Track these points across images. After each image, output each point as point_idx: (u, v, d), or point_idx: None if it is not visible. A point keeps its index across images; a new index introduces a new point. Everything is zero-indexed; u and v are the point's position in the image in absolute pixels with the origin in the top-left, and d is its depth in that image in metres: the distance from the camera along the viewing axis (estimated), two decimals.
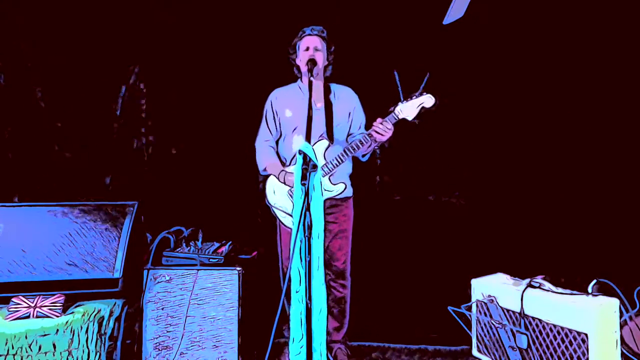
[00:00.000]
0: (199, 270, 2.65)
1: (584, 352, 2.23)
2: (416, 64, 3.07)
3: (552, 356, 2.36)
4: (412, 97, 2.48)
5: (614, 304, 2.31)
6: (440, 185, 3.37)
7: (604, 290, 2.44)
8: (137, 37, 3.39)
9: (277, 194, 2.65)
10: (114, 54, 3.39)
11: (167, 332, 2.64)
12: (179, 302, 2.64)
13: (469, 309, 2.73)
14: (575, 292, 2.44)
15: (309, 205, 1.91)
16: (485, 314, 2.67)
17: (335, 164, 2.53)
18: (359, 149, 2.53)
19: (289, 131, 2.71)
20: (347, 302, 2.80)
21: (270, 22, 3.30)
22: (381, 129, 2.46)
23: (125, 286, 2.65)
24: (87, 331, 2.41)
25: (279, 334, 2.93)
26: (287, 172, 2.61)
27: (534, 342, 2.43)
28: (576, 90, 3.15)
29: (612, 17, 3.08)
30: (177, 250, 2.75)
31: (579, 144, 3.16)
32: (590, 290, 2.42)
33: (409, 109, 2.49)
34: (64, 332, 2.37)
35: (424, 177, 3.38)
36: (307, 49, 2.67)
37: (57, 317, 2.42)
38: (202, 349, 2.63)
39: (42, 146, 3.36)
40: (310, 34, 2.70)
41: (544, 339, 2.39)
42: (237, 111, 3.29)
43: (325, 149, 2.59)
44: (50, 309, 2.44)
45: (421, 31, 3.26)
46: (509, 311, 2.55)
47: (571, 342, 2.28)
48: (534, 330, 2.43)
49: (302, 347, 1.96)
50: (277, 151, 2.79)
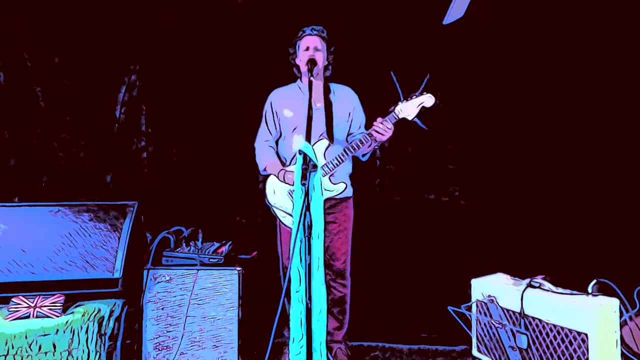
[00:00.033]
0: (199, 270, 2.65)
1: (584, 352, 2.23)
2: (416, 64, 3.09)
3: (552, 356, 2.36)
4: (412, 97, 2.49)
5: (614, 304, 2.31)
6: (440, 185, 3.37)
7: (604, 290, 2.43)
8: (137, 37, 3.39)
9: (277, 193, 2.65)
10: (114, 53, 3.39)
11: (167, 332, 2.64)
12: (179, 302, 2.64)
13: (469, 309, 2.73)
14: (575, 292, 2.44)
15: (309, 205, 1.91)
16: (485, 314, 2.67)
17: (335, 163, 2.53)
18: (359, 148, 2.53)
19: (289, 131, 2.71)
20: (347, 302, 2.80)
21: (270, 22, 3.30)
22: (381, 128, 2.46)
23: (125, 286, 2.65)
24: (87, 331, 2.41)
25: (279, 334, 2.93)
26: (287, 171, 2.61)
27: (534, 342, 2.43)
28: (576, 90, 3.15)
29: (612, 16, 3.08)
30: (177, 250, 2.75)
31: (579, 144, 3.16)
32: (590, 290, 2.42)
33: (409, 109, 2.49)
34: (64, 332, 2.37)
35: (424, 177, 3.38)
36: (307, 49, 2.67)
37: (57, 317, 2.42)
38: (202, 349, 2.63)
39: (42, 146, 3.36)
40: (310, 34, 2.70)
41: (544, 339, 2.39)
42: (237, 111, 3.29)
43: (325, 149, 2.59)
44: (50, 309, 2.44)
45: (421, 31, 3.26)
46: (509, 311, 2.55)
47: (571, 342, 2.28)
48: (534, 330, 2.43)
49: (302, 347, 1.96)
50: (277, 151, 2.79)
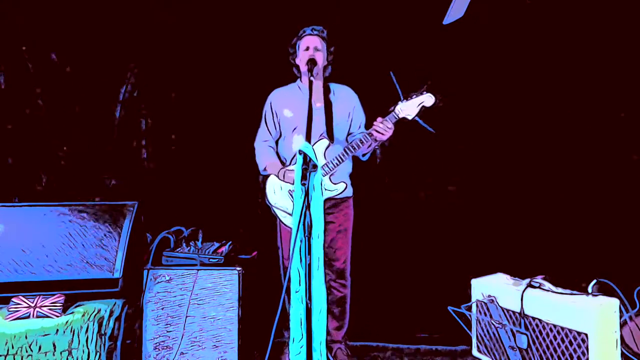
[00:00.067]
0: (199, 270, 2.65)
1: (584, 352, 2.23)
2: (416, 64, 3.09)
3: (552, 356, 2.36)
4: (412, 96, 2.48)
5: (614, 304, 2.31)
6: (440, 185, 3.37)
7: (604, 290, 2.43)
8: (137, 37, 3.39)
9: (277, 193, 2.65)
10: (114, 54, 3.39)
11: (167, 332, 2.64)
12: (179, 302, 2.64)
13: (469, 309, 2.73)
14: (575, 292, 2.44)
15: (309, 205, 1.91)
16: (485, 314, 2.67)
17: (335, 163, 2.53)
18: (359, 148, 2.53)
19: (289, 131, 2.71)
20: (347, 302, 2.80)
21: (270, 22, 3.29)
22: (381, 128, 2.46)
23: (125, 286, 2.65)
24: (87, 331, 2.41)
25: (279, 334, 2.93)
26: (287, 170, 2.61)
27: (534, 342, 2.43)
28: (576, 90, 3.15)
29: (612, 16, 3.08)
30: (177, 250, 2.75)
31: (579, 144, 3.16)
32: (590, 290, 2.42)
33: (409, 108, 2.49)
34: (64, 332, 2.37)
35: (424, 177, 3.38)
36: (307, 49, 2.67)
37: (57, 317, 2.42)
38: (202, 349, 2.63)
39: (42, 146, 3.36)
40: (310, 34, 2.70)
41: (544, 339, 2.39)
42: (237, 111, 3.29)
43: (325, 149, 2.58)
44: (50, 309, 2.44)
45: (421, 31, 3.26)
46: (509, 311, 2.55)
47: (571, 342, 2.28)
48: (534, 330, 2.43)
49: (302, 347, 1.96)
50: (276, 151, 2.79)
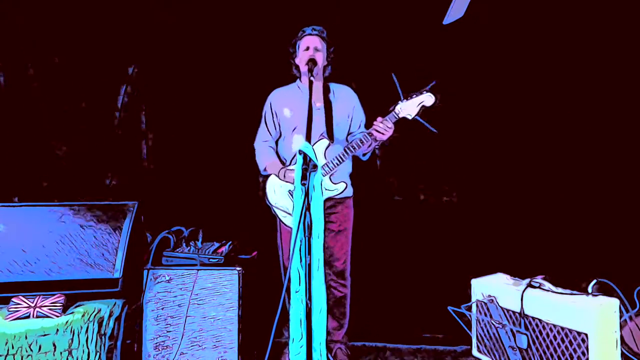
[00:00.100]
0: (199, 270, 2.65)
1: (584, 352, 2.23)
2: (416, 63, 3.09)
3: (552, 356, 2.36)
4: (412, 96, 2.48)
5: (614, 304, 2.31)
6: (440, 184, 3.37)
7: (604, 290, 2.43)
8: (137, 37, 3.39)
9: (278, 193, 2.65)
10: (114, 53, 3.39)
11: (167, 332, 2.64)
12: (179, 302, 2.64)
13: (469, 309, 2.73)
14: (575, 292, 2.44)
15: (309, 205, 1.91)
16: (485, 314, 2.67)
17: (336, 163, 2.54)
18: (360, 147, 2.53)
19: (289, 131, 2.71)
20: (347, 302, 2.80)
21: (270, 22, 3.29)
22: (382, 127, 2.46)
23: (125, 286, 2.64)
24: (87, 331, 2.41)
25: (279, 334, 2.93)
26: (287, 169, 2.61)
27: (534, 342, 2.43)
28: (576, 89, 3.15)
29: (612, 16, 3.08)
30: (177, 250, 2.75)
31: (579, 144, 3.16)
32: (590, 290, 2.42)
33: (409, 108, 2.49)
34: (64, 332, 2.37)
35: (424, 177, 3.38)
36: (307, 49, 2.67)
37: (57, 317, 2.42)
38: (202, 349, 2.63)
39: (42, 146, 3.36)
40: (310, 34, 2.70)
41: (544, 339, 2.39)
42: (237, 111, 3.28)
43: (325, 148, 2.58)
44: (50, 309, 2.44)
45: (421, 31, 3.26)
46: (509, 311, 2.55)
47: (571, 342, 2.28)
48: (534, 330, 2.43)
49: (302, 347, 1.96)
50: (276, 151, 2.79)
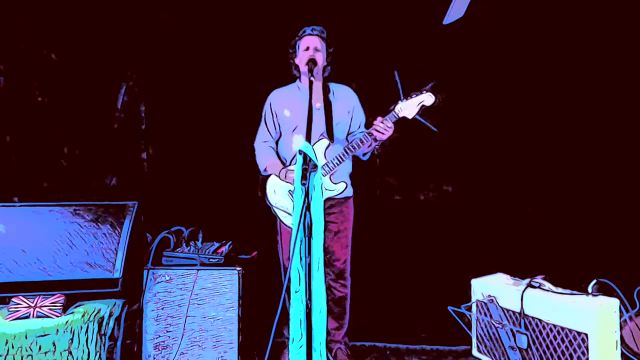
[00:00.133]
0: (199, 270, 2.65)
1: (584, 352, 2.23)
2: (416, 63, 3.09)
3: (552, 356, 2.36)
4: (412, 96, 2.48)
5: (614, 304, 2.31)
6: (440, 184, 3.37)
7: (604, 290, 2.44)
8: (137, 37, 3.39)
9: (278, 193, 2.65)
10: (114, 53, 3.39)
11: (167, 332, 2.64)
12: (179, 302, 2.64)
13: (469, 309, 2.73)
14: (575, 292, 2.44)
15: (309, 205, 1.91)
16: (485, 314, 2.67)
17: (336, 162, 2.54)
18: (360, 147, 2.53)
19: (289, 131, 2.71)
20: (347, 302, 2.79)
21: (270, 22, 3.29)
22: (381, 127, 2.46)
23: (125, 286, 2.64)
24: (87, 331, 2.41)
25: (279, 334, 2.93)
26: (288, 170, 2.61)
27: (534, 342, 2.43)
28: (576, 89, 3.15)
29: (612, 16, 3.08)
30: (177, 250, 2.75)
31: (579, 144, 3.16)
32: (590, 290, 2.42)
33: (409, 107, 2.49)
34: (64, 332, 2.37)
35: (424, 177, 3.38)
36: (307, 49, 2.67)
37: (57, 317, 2.42)
38: (202, 348, 2.63)
39: (42, 146, 3.36)
40: (310, 34, 2.70)
41: (544, 339, 2.39)
42: (237, 111, 3.28)
43: (325, 148, 2.58)
44: (50, 309, 2.44)
45: (421, 31, 3.26)
46: (509, 311, 2.55)
47: (571, 342, 2.28)
48: (534, 330, 2.43)
49: (301, 347, 1.96)
50: (276, 151, 2.79)
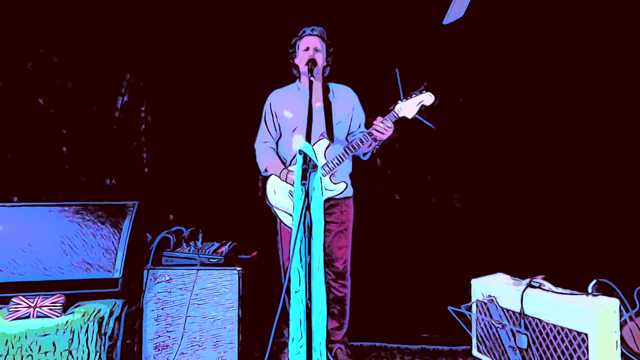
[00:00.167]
0: (199, 270, 2.65)
1: (584, 352, 2.23)
2: (416, 63, 3.09)
3: (552, 356, 2.36)
4: (412, 96, 2.49)
5: (614, 304, 2.31)
6: (440, 185, 3.37)
7: (604, 290, 2.44)
8: (137, 37, 3.39)
9: (278, 193, 2.65)
10: (113, 53, 3.39)
11: (167, 332, 2.64)
12: (179, 302, 2.64)
13: (469, 309, 2.73)
14: (575, 292, 2.44)
15: (309, 205, 1.90)
16: (485, 314, 2.67)
17: (336, 162, 2.54)
18: (360, 147, 2.53)
19: (289, 131, 2.71)
20: (347, 302, 2.79)
21: (270, 22, 3.29)
22: (381, 127, 2.46)
23: (125, 286, 2.65)
24: (87, 331, 2.41)
25: (279, 334, 2.93)
26: (289, 170, 2.61)
27: (534, 342, 2.43)
28: (576, 90, 3.15)
29: (613, 16, 3.08)
30: (177, 250, 2.75)
31: (579, 145, 3.16)
32: (590, 290, 2.42)
33: (409, 107, 2.49)
34: (64, 332, 2.37)
35: (424, 177, 3.38)
36: (307, 49, 2.67)
37: (57, 317, 2.42)
38: (202, 348, 2.63)
39: (41, 146, 3.36)
40: (310, 34, 2.70)
41: (544, 339, 2.39)
42: (237, 111, 3.28)
43: (325, 148, 2.58)
44: (50, 309, 2.44)
45: (421, 31, 3.26)
46: (509, 311, 2.55)
47: (571, 342, 2.28)
48: (534, 330, 2.43)
49: (301, 347, 1.96)
50: (277, 152, 2.79)
